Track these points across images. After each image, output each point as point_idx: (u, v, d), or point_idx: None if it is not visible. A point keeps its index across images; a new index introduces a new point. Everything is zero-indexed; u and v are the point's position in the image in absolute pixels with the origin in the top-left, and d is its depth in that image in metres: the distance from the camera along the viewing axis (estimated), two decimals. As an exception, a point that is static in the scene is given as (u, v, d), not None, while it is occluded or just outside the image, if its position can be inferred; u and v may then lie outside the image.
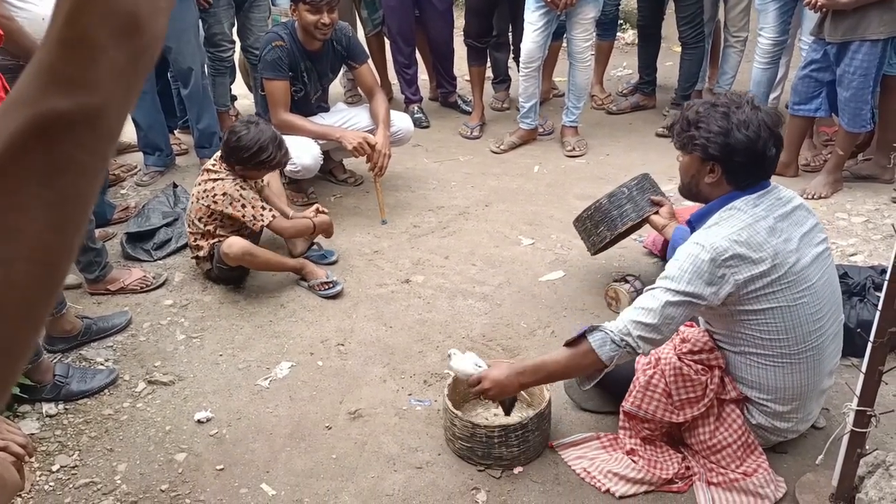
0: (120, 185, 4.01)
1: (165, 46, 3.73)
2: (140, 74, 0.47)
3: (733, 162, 1.92)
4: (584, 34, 4.11)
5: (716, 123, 1.91)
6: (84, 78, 0.44)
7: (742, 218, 1.91)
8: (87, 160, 0.45)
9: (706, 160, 1.95)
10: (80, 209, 0.46)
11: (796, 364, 1.95)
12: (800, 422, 2.06)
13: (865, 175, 3.76)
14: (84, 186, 0.46)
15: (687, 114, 1.99)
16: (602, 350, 1.87)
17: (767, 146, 1.90)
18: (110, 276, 3.04)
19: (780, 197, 1.97)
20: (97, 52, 0.44)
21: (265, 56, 3.43)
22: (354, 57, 3.65)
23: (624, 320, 1.89)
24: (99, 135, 0.45)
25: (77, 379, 2.50)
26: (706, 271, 1.85)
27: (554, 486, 2.09)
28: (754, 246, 1.87)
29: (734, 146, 1.89)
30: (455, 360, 2.16)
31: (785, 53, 4.18)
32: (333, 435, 2.31)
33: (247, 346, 2.75)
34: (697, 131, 1.94)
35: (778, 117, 1.96)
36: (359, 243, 3.41)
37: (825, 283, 1.97)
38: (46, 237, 0.44)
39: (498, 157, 4.31)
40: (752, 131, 1.88)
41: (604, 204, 2.81)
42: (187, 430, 2.35)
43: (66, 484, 2.16)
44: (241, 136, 2.92)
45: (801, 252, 1.92)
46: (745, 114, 1.90)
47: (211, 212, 2.98)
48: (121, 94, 0.46)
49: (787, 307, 1.90)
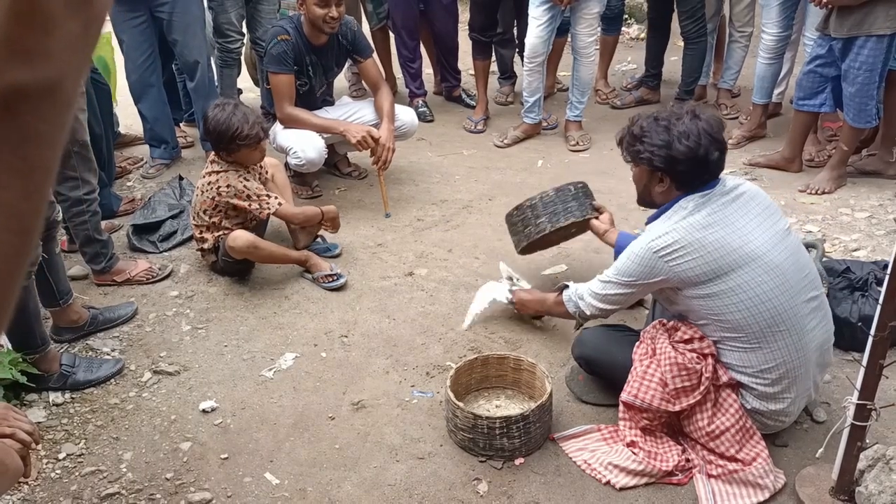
0: (126, 178, 4.04)
1: (172, 39, 3.75)
2: (92, 43, 0.47)
3: (677, 171, 2.04)
4: (589, 29, 4.11)
5: (658, 137, 2.04)
6: (41, 49, 0.44)
7: (683, 214, 2.04)
8: (47, 129, 0.46)
9: (654, 171, 2.08)
10: (46, 177, 0.47)
11: (773, 342, 1.99)
12: (793, 402, 2.07)
13: (869, 170, 3.76)
14: (47, 155, 0.47)
15: (632, 129, 2.13)
16: (568, 304, 2.33)
17: (710, 152, 2.01)
18: (116, 268, 3.06)
19: (725, 189, 2.07)
20: (52, 22, 0.44)
21: (270, 50, 3.43)
22: (360, 51, 3.65)
23: (582, 291, 2.28)
24: (58, 104, 0.46)
25: (83, 368, 2.53)
26: (647, 262, 2.04)
27: (555, 477, 2.10)
28: (692, 237, 1.99)
29: (676, 157, 2.02)
30: (488, 291, 2.72)
31: (789, 49, 4.17)
32: (336, 425, 2.33)
33: (251, 337, 2.77)
34: (642, 145, 2.08)
35: (719, 123, 2.08)
36: (363, 236, 3.43)
37: (788, 260, 2.02)
38: (20, 206, 0.45)
39: (502, 152, 4.32)
40: (692, 141, 2.00)
41: (550, 196, 2.75)
42: (192, 419, 2.37)
43: (73, 472, 2.19)
44: (209, 121, 2.93)
45: (749, 236, 2.00)
46: (684, 125, 2.02)
47: (215, 204, 2.99)
48: (76, 64, 0.46)
49: (740, 288, 1.96)
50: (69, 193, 2.74)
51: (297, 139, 3.50)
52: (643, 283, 2.11)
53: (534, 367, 2.31)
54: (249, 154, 3.00)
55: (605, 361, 2.27)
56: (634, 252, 2.09)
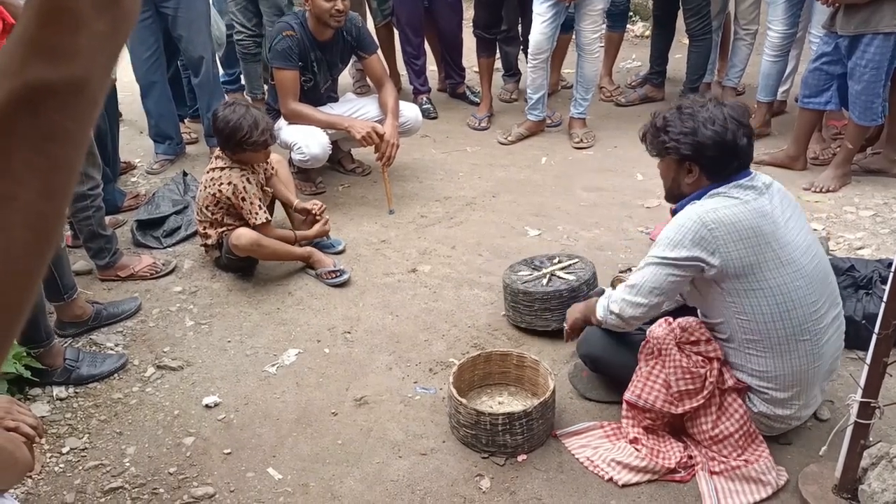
0: (130, 174, 4.05)
1: (177, 35, 3.75)
2: (120, 42, 0.47)
3: (706, 157, 1.97)
4: (593, 26, 4.10)
5: (683, 124, 1.97)
6: (67, 48, 0.44)
7: (724, 199, 1.96)
8: (72, 128, 0.46)
9: (682, 161, 2.01)
10: (69, 176, 0.47)
11: (794, 350, 1.96)
12: (801, 408, 2.06)
13: (874, 169, 3.75)
14: (71, 154, 0.47)
15: (655, 121, 2.06)
16: (598, 308, 2.16)
17: (738, 136, 1.94)
18: (120, 263, 3.07)
19: (761, 182, 2.00)
20: (79, 21, 0.44)
21: (275, 46, 3.43)
22: (364, 47, 3.65)
23: (614, 292, 2.12)
24: (83, 103, 0.46)
25: (87, 363, 2.53)
26: (695, 233, 1.91)
27: (557, 474, 2.10)
28: (739, 222, 1.91)
29: (703, 142, 1.94)
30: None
31: (795, 46, 4.16)
32: (339, 421, 2.33)
33: (254, 332, 2.77)
34: (667, 135, 2.01)
35: (745, 109, 2.01)
36: (366, 233, 3.43)
37: (816, 268, 1.98)
38: (40, 204, 0.45)
39: (505, 149, 4.31)
40: (718, 125, 1.94)
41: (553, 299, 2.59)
42: (195, 414, 2.38)
43: (76, 466, 2.19)
44: (218, 119, 2.93)
45: (789, 235, 1.95)
46: (709, 111, 1.96)
47: (217, 200, 2.99)
48: (103, 63, 0.46)
49: (777, 290, 1.92)
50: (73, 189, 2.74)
51: (301, 135, 3.50)
52: (684, 263, 1.94)
53: (537, 363, 2.31)
54: (254, 155, 3.02)
55: (610, 360, 2.26)
56: (679, 223, 1.95)
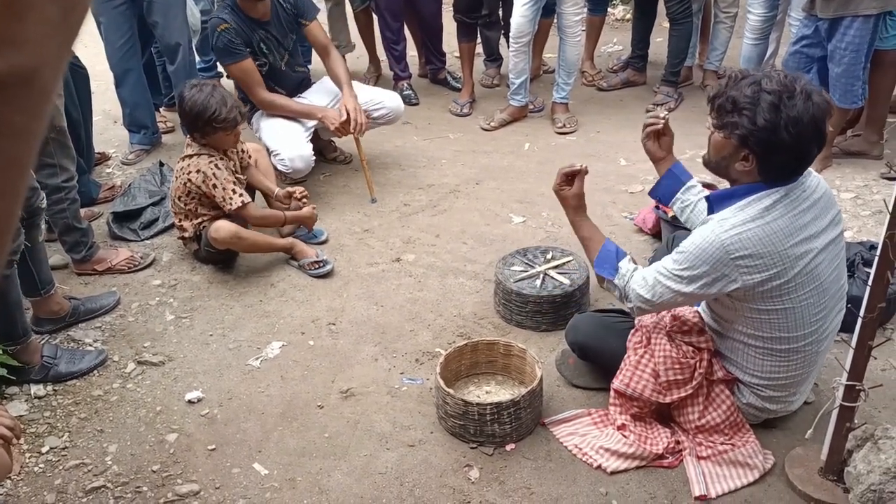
0: (105, 164, 3.96)
1: (152, 21, 3.67)
2: (74, 28, 0.44)
3: (772, 159, 1.79)
4: (575, 8, 4.07)
5: (763, 115, 1.73)
6: (14, 36, 0.41)
7: (760, 210, 1.81)
8: (21, 122, 0.43)
9: (742, 147, 1.81)
10: (20, 173, 0.44)
11: (795, 356, 1.96)
12: (791, 403, 2.08)
13: (855, 151, 3.76)
14: (22, 149, 0.44)
15: (733, 93, 1.78)
16: (616, 278, 2.01)
17: (812, 147, 1.77)
18: (97, 257, 3.01)
19: (807, 187, 1.86)
20: (26, 6, 0.41)
21: (216, 45, 3.29)
22: (304, 13, 3.47)
23: (637, 273, 1.97)
24: (33, 95, 0.43)
25: (66, 360, 2.48)
26: (718, 261, 1.80)
27: (546, 462, 2.10)
28: (768, 248, 1.79)
29: (777, 145, 1.74)
30: None
31: (775, 29, 4.15)
32: (325, 414, 2.30)
33: (237, 325, 2.73)
34: (741, 118, 1.76)
35: (827, 110, 1.79)
36: (349, 222, 3.39)
37: (832, 273, 1.92)
38: None
39: (488, 135, 4.28)
40: (800, 129, 1.72)
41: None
42: (178, 410, 2.34)
43: (57, 465, 2.15)
44: (185, 101, 2.85)
45: (816, 243, 1.85)
46: (796, 108, 1.72)
47: (188, 190, 2.93)
48: (54, 51, 0.43)
49: (792, 308, 1.88)
50: (47, 181, 2.67)
51: (284, 143, 3.40)
52: (705, 284, 1.83)
53: (524, 352, 2.30)
54: (224, 138, 2.92)
55: (598, 348, 2.25)
56: (702, 247, 1.81)
